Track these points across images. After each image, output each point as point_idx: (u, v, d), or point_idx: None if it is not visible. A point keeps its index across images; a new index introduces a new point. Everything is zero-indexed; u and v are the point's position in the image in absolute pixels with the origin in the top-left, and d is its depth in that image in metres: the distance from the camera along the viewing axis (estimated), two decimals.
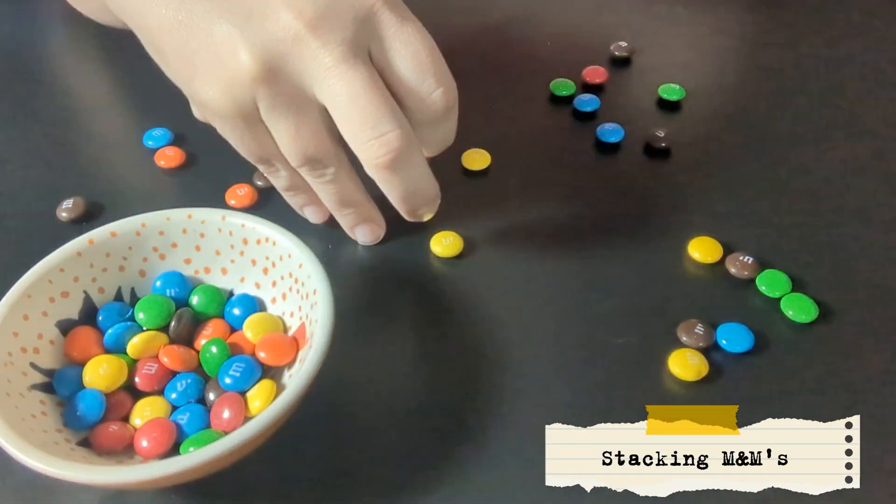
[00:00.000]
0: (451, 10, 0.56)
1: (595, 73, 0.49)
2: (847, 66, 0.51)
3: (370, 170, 0.32)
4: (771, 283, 0.37)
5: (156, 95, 0.40)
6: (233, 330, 0.34)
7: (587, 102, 0.47)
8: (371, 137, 0.31)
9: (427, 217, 0.37)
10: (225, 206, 0.41)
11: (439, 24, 0.54)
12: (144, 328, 0.33)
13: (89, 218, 0.41)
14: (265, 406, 0.30)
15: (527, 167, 0.44)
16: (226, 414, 0.30)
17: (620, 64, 0.51)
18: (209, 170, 0.44)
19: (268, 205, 0.42)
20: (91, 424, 0.30)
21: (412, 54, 0.31)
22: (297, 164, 0.33)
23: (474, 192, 0.42)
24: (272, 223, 0.34)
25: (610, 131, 0.45)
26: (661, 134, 0.44)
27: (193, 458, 0.26)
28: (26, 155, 0.45)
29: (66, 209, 0.41)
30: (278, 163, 0.35)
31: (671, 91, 0.48)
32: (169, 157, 0.44)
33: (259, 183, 0.42)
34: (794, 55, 0.52)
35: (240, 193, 0.41)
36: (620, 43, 0.51)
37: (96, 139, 0.46)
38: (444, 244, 0.39)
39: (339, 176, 0.34)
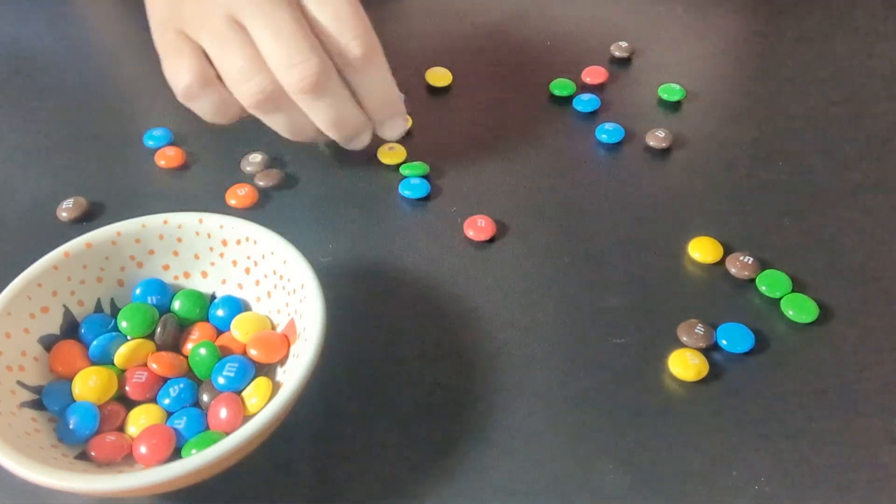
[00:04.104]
0: (452, 10, 0.56)
1: (595, 73, 0.49)
2: (847, 65, 0.51)
3: (294, 95, 0.37)
4: (771, 283, 0.37)
5: (156, 95, 0.40)
6: (219, 332, 0.34)
7: (587, 102, 0.47)
8: (292, 64, 0.36)
9: (360, 145, 0.41)
10: (225, 206, 0.41)
11: (440, 24, 0.55)
12: (129, 337, 0.33)
13: (89, 218, 0.41)
14: (263, 403, 0.30)
15: (527, 167, 0.44)
16: (224, 414, 0.30)
17: (620, 64, 0.51)
18: (209, 170, 0.44)
19: (268, 204, 0.42)
20: (86, 437, 0.30)
21: (333, 9, 0.37)
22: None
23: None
24: (251, 222, 0.34)
25: (610, 131, 0.45)
26: (660, 134, 0.44)
27: (213, 452, 0.26)
28: (26, 155, 0.45)
29: (66, 209, 0.40)
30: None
31: (671, 91, 0.48)
32: (169, 157, 0.44)
33: (260, 183, 0.42)
34: (793, 55, 0.52)
35: (240, 193, 0.41)
36: (620, 43, 0.51)
37: (96, 139, 0.46)
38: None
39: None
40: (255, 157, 0.43)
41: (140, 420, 0.31)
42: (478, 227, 0.39)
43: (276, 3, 0.36)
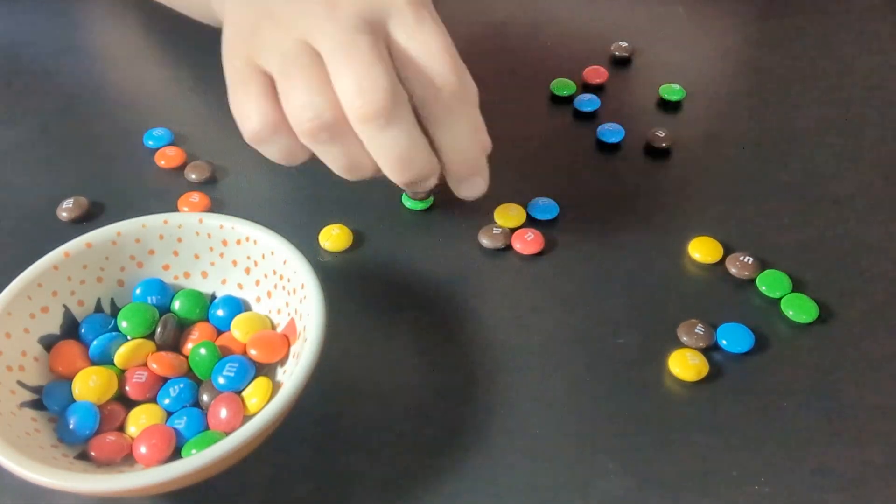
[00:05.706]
0: (452, 10, 0.56)
1: (595, 73, 0.49)
2: (847, 65, 0.51)
3: (357, 124, 0.32)
4: (771, 283, 0.37)
5: (156, 95, 0.40)
6: (219, 332, 0.34)
7: (587, 102, 0.47)
8: (360, 89, 0.31)
9: (421, 193, 0.38)
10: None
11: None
12: (129, 337, 0.33)
13: (89, 218, 0.41)
14: (263, 403, 0.30)
15: (527, 167, 0.44)
16: (224, 414, 0.30)
17: (620, 64, 0.51)
18: None
19: (268, 205, 0.41)
20: (86, 437, 0.30)
21: (421, 42, 0.33)
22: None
23: None
24: (251, 222, 0.34)
25: (610, 131, 0.45)
26: (661, 134, 0.44)
27: (213, 452, 0.26)
28: (26, 155, 0.45)
29: (66, 209, 0.40)
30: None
31: (671, 91, 0.48)
32: (169, 157, 0.44)
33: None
34: (793, 55, 0.52)
35: None
36: (620, 43, 0.51)
37: (96, 139, 0.46)
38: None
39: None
40: None
41: (140, 420, 0.31)
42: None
43: (356, 28, 0.32)
